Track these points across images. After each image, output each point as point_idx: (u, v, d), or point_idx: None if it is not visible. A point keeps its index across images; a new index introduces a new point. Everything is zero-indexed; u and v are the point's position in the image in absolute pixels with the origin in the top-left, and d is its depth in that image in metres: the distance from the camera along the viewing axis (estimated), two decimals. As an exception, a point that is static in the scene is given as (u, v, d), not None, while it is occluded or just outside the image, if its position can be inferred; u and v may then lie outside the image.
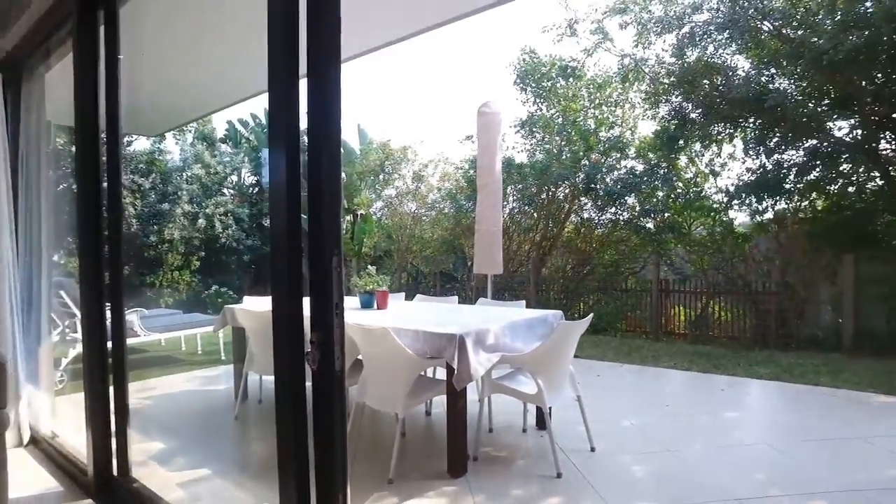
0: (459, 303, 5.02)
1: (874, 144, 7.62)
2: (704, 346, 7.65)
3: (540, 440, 3.92)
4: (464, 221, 11.47)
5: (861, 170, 8.00)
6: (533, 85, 10.53)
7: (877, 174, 7.75)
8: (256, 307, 4.30)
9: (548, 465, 3.42)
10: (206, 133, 13.91)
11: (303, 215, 1.57)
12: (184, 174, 12.32)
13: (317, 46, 1.47)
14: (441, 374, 3.64)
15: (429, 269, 12.35)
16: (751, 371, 5.93)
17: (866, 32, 6.48)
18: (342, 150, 1.84)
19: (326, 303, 1.48)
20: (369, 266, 4.57)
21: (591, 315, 3.75)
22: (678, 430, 4.12)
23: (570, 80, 10.44)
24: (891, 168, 7.54)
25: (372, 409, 3.65)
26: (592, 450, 3.65)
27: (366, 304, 4.39)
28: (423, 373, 3.76)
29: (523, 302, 4.61)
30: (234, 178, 13.37)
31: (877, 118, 7.52)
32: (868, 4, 6.95)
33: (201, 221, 11.93)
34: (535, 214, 10.97)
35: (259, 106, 15.52)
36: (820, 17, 7.36)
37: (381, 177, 12.58)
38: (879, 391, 5.10)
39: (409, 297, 5.44)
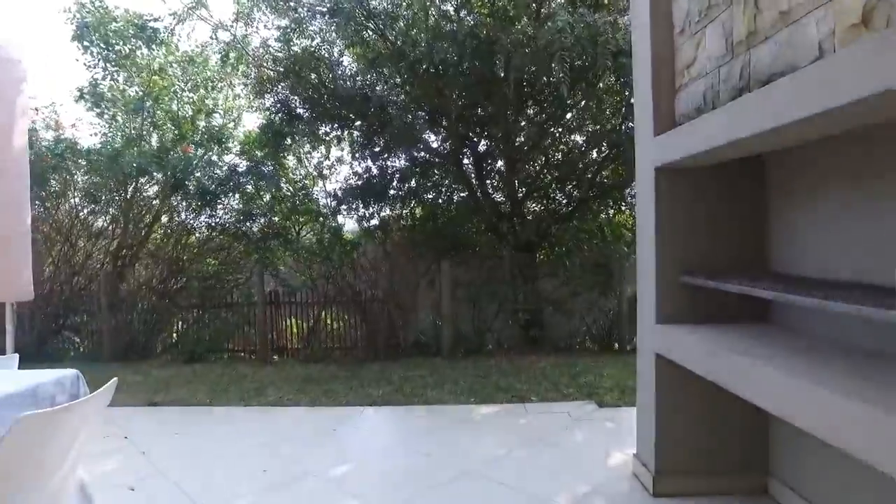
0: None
1: (461, 158, 8.19)
2: (316, 365, 6.87)
3: None
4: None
5: (448, 181, 8.56)
6: (101, 45, 8.05)
7: (462, 186, 8.36)
8: None
9: None
10: None
11: None
12: None
13: None
14: None
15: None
16: (364, 395, 5.30)
17: (454, 47, 6.70)
18: None
19: None
20: None
21: (114, 380, 2.16)
22: (277, 515, 2.99)
23: (156, 47, 8.39)
24: (474, 181, 8.22)
25: None
26: None
27: None
28: None
29: (15, 357, 2.72)
30: None
31: (461, 135, 8.07)
32: (455, 26, 7.31)
33: None
34: (108, 215, 8.52)
35: None
36: (415, 31, 7.42)
37: None
38: (478, 401, 5.08)
39: None
